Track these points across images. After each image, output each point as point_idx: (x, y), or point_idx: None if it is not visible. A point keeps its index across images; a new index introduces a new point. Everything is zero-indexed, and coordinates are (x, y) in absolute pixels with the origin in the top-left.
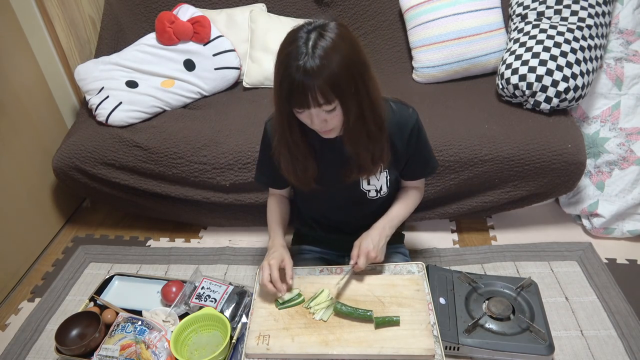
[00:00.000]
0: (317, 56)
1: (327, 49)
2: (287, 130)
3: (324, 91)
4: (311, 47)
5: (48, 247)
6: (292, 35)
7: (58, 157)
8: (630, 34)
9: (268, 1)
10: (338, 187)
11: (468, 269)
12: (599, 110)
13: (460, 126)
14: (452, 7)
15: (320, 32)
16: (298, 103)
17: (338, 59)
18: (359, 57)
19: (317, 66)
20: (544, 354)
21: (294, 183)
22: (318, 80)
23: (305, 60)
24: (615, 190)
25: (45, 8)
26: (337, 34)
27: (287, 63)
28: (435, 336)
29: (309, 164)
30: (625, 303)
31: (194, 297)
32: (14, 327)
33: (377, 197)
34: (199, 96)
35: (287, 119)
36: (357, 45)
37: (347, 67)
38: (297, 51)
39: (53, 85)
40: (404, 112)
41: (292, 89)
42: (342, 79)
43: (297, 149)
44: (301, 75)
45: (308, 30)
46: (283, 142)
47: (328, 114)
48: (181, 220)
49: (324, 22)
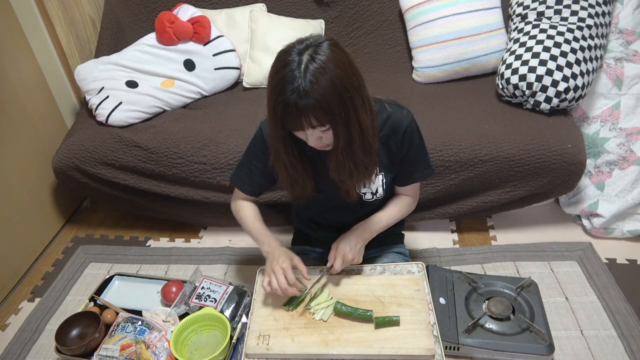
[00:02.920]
0: (308, 81)
1: (318, 73)
2: (283, 152)
3: (317, 114)
4: (303, 70)
5: (48, 247)
6: (283, 58)
7: (58, 157)
8: (630, 34)
9: (268, 1)
10: (334, 192)
11: (468, 269)
12: (599, 110)
13: (460, 126)
14: (452, 7)
15: (312, 55)
16: (293, 126)
17: (329, 83)
18: (352, 81)
19: (310, 90)
20: (544, 354)
21: (290, 197)
22: (311, 104)
23: (299, 84)
24: (615, 190)
25: (45, 8)
26: (329, 56)
27: (282, 87)
28: (435, 336)
29: (307, 183)
30: (625, 303)
31: (194, 297)
32: (14, 327)
33: (373, 199)
34: (199, 96)
35: (283, 142)
36: (350, 67)
37: (338, 92)
38: (291, 75)
39: (53, 85)
40: (399, 114)
41: (286, 113)
42: (334, 104)
43: (294, 171)
44: (295, 98)
45: (299, 52)
46: (280, 162)
47: (323, 132)
48: (181, 220)
49: (317, 41)
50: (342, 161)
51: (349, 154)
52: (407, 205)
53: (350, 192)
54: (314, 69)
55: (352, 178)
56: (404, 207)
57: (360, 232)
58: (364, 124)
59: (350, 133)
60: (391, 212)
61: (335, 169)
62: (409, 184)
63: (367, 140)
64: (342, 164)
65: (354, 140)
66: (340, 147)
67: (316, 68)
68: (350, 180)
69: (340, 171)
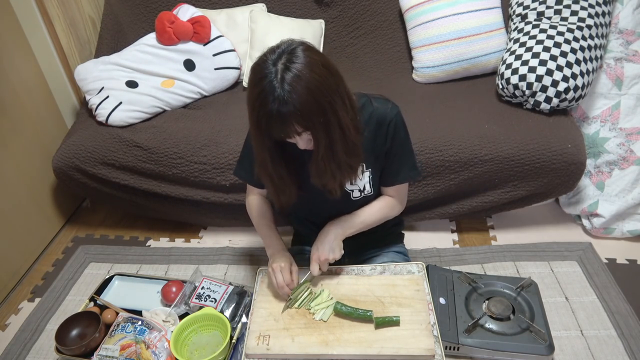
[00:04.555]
0: (287, 90)
1: (294, 82)
2: (270, 164)
3: (300, 121)
4: (280, 80)
5: (48, 247)
6: (259, 71)
7: (58, 157)
8: (630, 34)
9: (268, 1)
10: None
11: (468, 269)
12: (599, 110)
13: (460, 126)
14: (452, 7)
15: (286, 64)
16: (279, 135)
17: (305, 90)
18: (329, 85)
19: (289, 98)
20: (544, 354)
21: (275, 205)
22: (292, 111)
23: (279, 94)
24: (615, 190)
25: (45, 8)
26: (303, 62)
27: (263, 99)
28: (435, 336)
29: (292, 192)
30: (625, 303)
31: (194, 297)
32: (14, 327)
33: (361, 196)
34: (199, 96)
35: (270, 153)
36: (326, 69)
37: (315, 98)
38: (270, 86)
39: (53, 85)
40: (384, 108)
41: (271, 123)
42: (312, 110)
43: (280, 181)
44: (278, 107)
45: (273, 62)
46: (266, 174)
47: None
48: (181, 220)
49: (289, 48)
50: (323, 167)
51: (330, 159)
52: (389, 206)
53: (332, 191)
54: (290, 78)
55: (334, 180)
56: (385, 207)
57: (334, 228)
58: (345, 124)
59: (331, 136)
60: (371, 210)
61: (317, 174)
62: (394, 184)
63: (350, 139)
64: (323, 169)
65: (335, 142)
66: (321, 154)
67: (292, 77)
68: (334, 182)
69: (321, 176)
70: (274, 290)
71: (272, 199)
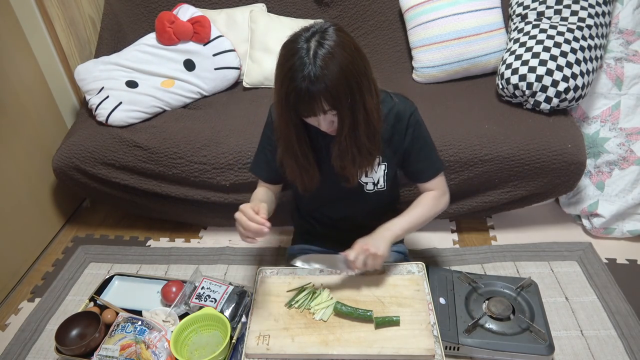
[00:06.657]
0: (318, 66)
1: (327, 59)
2: (295, 142)
3: (328, 99)
4: (312, 56)
5: (48, 247)
6: (291, 47)
7: (58, 157)
8: (630, 34)
9: (268, 1)
10: (335, 181)
11: (468, 269)
12: (599, 110)
13: (460, 126)
14: (452, 7)
15: (320, 40)
16: (306, 112)
17: (338, 68)
18: (358, 66)
19: (321, 75)
20: (544, 354)
21: (299, 189)
22: (322, 89)
23: (310, 70)
24: (615, 190)
25: (45, 8)
26: (336, 41)
27: (292, 75)
28: (435, 336)
29: (315, 172)
30: (625, 303)
31: (194, 297)
32: (14, 327)
33: (374, 190)
34: (199, 96)
35: (295, 130)
36: (357, 52)
37: (346, 77)
38: (300, 62)
39: (53, 85)
40: (404, 103)
41: (299, 100)
42: (341, 89)
43: (305, 159)
44: (307, 84)
45: (307, 39)
46: (290, 153)
47: (335, 116)
48: (181, 220)
49: (322, 27)
50: (346, 147)
51: (353, 140)
52: (433, 201)
53: (351, 178)
54: (323, 54)
55: (354, 164)
56: (429, 203)
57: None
58: (370, 108)
59: (355, 117)
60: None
61: (339, 155)
62: (433, 177)
63: (372, 124)
64: (345, 150)
65: (359, 124)
66: (345, 133)
67: (324, 53)
68: (352, 167)
69: (343, 157)
70: (274, 290)
71: (296, 181)
